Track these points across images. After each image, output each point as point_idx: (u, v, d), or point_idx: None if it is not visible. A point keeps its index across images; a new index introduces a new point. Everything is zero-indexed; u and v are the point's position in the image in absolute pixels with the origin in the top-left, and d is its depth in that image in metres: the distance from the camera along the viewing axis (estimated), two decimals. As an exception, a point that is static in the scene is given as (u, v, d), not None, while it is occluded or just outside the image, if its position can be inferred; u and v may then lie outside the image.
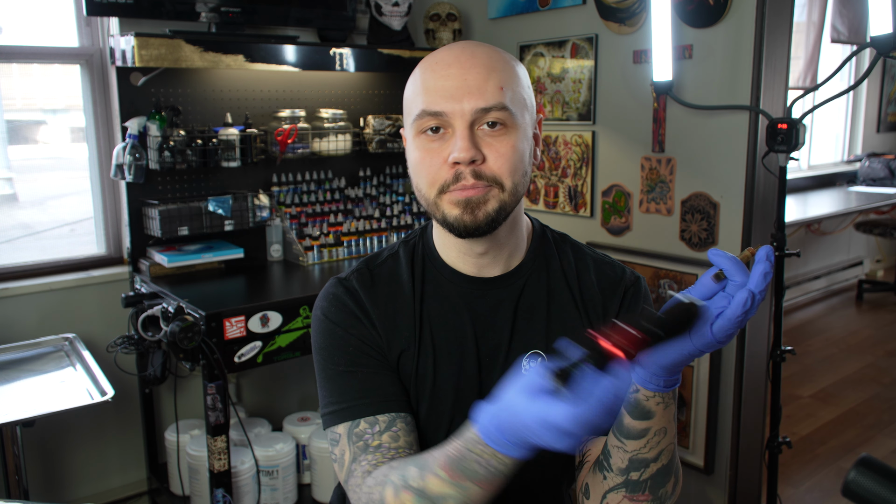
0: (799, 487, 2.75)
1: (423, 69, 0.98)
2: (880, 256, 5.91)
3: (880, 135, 5.75)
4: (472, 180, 0.93)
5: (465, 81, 0.93)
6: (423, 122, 0.95)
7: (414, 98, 0.97)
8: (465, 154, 0.92)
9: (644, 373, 0.86)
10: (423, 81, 0.96)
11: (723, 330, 0.78)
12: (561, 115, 2.67)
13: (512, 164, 0.95)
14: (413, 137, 0.98)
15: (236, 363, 2.05)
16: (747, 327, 2.21)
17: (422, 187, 0.98)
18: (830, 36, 4.70)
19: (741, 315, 0.77)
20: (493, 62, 0.95)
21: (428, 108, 0.94)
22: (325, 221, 2.70)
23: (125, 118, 2.34)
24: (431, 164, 0.95)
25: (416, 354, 1.04)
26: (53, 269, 2.51)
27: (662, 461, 0.91)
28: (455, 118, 0.93)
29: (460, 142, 0.92)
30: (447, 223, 0.97)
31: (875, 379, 3.81)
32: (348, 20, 2.66)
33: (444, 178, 0.94)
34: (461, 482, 0.83)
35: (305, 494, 2.54)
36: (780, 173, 2.06)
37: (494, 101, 0.93)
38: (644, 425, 0.88)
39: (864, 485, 0.63)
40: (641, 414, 0.88)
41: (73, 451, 2.52)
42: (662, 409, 0.88)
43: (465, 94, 0.93)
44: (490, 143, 0.94)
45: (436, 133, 0.95)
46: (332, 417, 1.01)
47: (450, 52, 0.97)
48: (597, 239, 2.61)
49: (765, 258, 0.77)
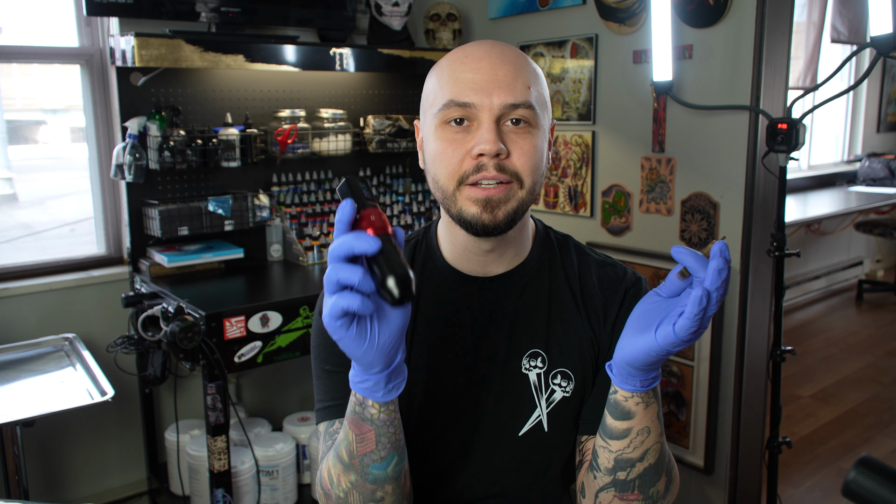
0: (799, 487, 2.75)
1: (451, 61, 0.97)
2: (880, 256, 5.91)
3: (880, 135, 5.75)
4: (494, 172, 0.93)
5: (496, 76, 0.93)
6: (449, 112, 0.94)
7: (439, 89, 0.97)
8: (492, 146, 0.91)
9: (619, 372, 0.87)
10: (452, 73, 0.96)
11: (684, 329, 0.78)
12: (561, 115, 2.67)
13: (534, 163, 0.95)
14: (435, 127, 0.97)
15: (236, 363, 2.05)
16: (747, 327, 2.21)
17: (440, 178, 0.96)
18: (830, 36, 4.70)
19: (699, 313, 0.76)
20: (522, 61, 0.96)
21: (456, 98, 0.93)
22: (325, 221, 2.70)
23: (125, 118, 2.34)
24: (453, 156, 0.94)
25: (408, 353, 1.04)
26: (53, 269, 2.51)
27: (649, 460, 0.92)
28: (483, 111, 0.93)
29: (487, 134, 0.92)
30: (463, 220, 0.96)
31: (875, 379, 3.81)
32: (348, 20, 2.66)
33: (465, 169, 0.94)
34: (346, 424, 0.90)
35: (305, 494, 2.54)
36: (780, 173, 2.06)
37: (523, 99, 0.93)
38: (626, 425, 0.89)
39: (864, 485, 0.63)
40: (622, 414, 0.89)
41: (73, 451, 2.52)
42: (643, 408, 0.88)
43: (496, 88, 0.93)
44: (514, 139, 0.94)
45: (459, 125, 0.95)
46: (317, 416, 1.05)
47: (479, 48, 0.97)
48: (597, 239, 2.61)
49: (718, 254, 0.77)
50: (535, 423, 1.04)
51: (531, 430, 1.04)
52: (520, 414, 1.04)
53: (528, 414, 1.04)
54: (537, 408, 1.04)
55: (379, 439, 0.88)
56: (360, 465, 0.90)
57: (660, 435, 0.92)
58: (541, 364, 1.05)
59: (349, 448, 0.90)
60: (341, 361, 1.03)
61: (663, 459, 0.94)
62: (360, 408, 0.86)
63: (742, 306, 2.20)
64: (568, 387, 1.05)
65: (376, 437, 0.88)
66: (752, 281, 2.20)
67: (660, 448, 0.93)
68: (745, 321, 2.21)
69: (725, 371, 2.27)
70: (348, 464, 0.90)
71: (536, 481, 1.08)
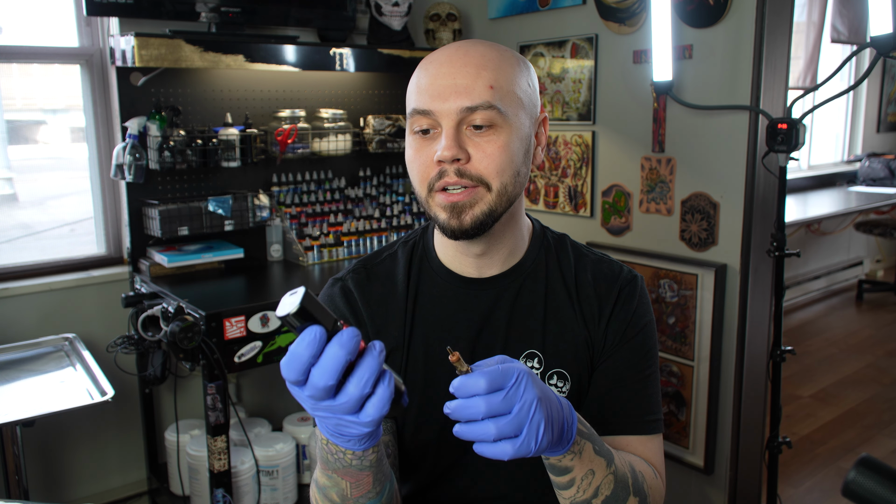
0: (799, 487, 2.75)
1: (419, 68, 0.99)
2: (880, 256, 5.91)
3: (880, 135, 5.75)
4: (454, 178, 0.93)
5: (454, 80, 0.93)
6: (414, 120, 0.96)
7: (410, 97, 0.98)
8: (447, 153, 0.92)
9: (543, 458, 0.85)
10: (418, 80, 0.97)
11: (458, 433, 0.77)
12: (561, 115, 2.67)
13: (499, 165, 0.94)
14: (408, 134, 0.99)
15: (236, 363, 2.05)
16: (747, 327, 2.21)
17: (414, 185, 0.99)
18: (830, 36, 4.70)
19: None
20: (486, 60, 0.95)
21: (418, 106, 0.95)
22: (325, 221, 2.70)
23: (125, 118, 2.34)
24: (422, 163, 0.96)
25: (405, 355, 1.04)
26: (53, 269, 2.51)
27: (604, 493, 0.90)
28: (442, 117, 0.93)
29: (444, 140, 0.93)
30: (439, 225, 0.97)
31: (875, 379, 3.81)
32: (348, 20, 2.66)
33: (431, 175, 0.95)
34: (327, 472, 0.87)
35: (305, 494, 2.54)
36: (780, 173, 2.06)
37: (481, 101, 0.92)
38: (568, 478, 0.88)
39: (864, 485, 0.63)
40: (559, 472, 0.87)
41: (73, 451, 2.52)
42: (577, 459, 0.86)
43: (453, 94, 0.93)
44: (477, 142, 0.94)
45: (426, 133, 0.95)
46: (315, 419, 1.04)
47: (444, 52, 0.97)
48: (597, 239, 2.61)
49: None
50: None
51: None
52: None
53: None
54: None
55: (375, 478, 0.87)
56: (355, 503, 0.89)
57: (607, 466, 0.90)
58: (537, 365, 1.05)
59: (340, 493, 0.88)
60: None
61: (623, 485, 0.92)
62: (358, 460, 0.83)
63: (742, 306, 2.20)
64: (564, 387, 1.05)
65: (373, 479, 0.87)
66: (752, 281, 2.20)
67: (612, 479, 0.90)
68: (745, 321, 2.21)
69: (725, 371, 2.27)
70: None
71: (535, 483, 1.08)
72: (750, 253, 2.18)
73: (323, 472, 0.88)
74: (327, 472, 0.86)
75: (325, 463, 0.86)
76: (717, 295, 2.23)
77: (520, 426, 0.74)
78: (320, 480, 0.89)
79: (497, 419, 0.73)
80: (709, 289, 2.24)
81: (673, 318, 2.36)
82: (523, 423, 0.74)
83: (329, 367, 0.67)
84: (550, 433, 0.77)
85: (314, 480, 0.92)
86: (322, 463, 0.87)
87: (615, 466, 0.91)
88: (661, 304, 2.38)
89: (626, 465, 0.95)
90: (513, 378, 0.74)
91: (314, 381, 0.68)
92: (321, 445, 0.84)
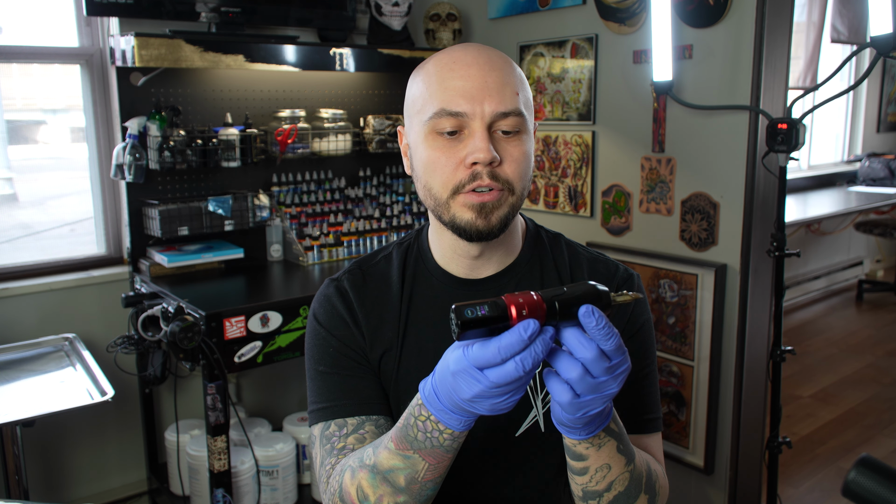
0: (799, 487, 2.75)
1: (438, 67, 0.96)
2: (880, 256, 5.91)
3: (880, 135, 5.75)
4: (487, 180, 0.93)
5: (486, 83, 0.93)
6: (441, 121, 0.93)
7: (428, 95, 0.95)
8: (486, 155, 0.91)
9: (557, 426, 0.85)
10: (441, 79, 0.94)
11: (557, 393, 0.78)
12: (561, 115, 2.67)
13: (523, 169, 0.95)
14: (425, 135, 0.96)
15: (236, 363, 2.05)
16: (747, 327, 2.21)
17: (433, 187, 0.96)
18: (830, 36, 4.70)
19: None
20: (508, 66, 0.96)
21: (447, 106, 0.93)
22: (325, 221, 2.70)
23: (125, 118, 2.34)
24: (447, 165, 0.94)
25: (399, 356, 1.04)
26: (53, 269, 2.51)
27: (617, 489, 0.90)
28: (474, 119, 0.92)
29: (480, 143, 0.92)
30: (456, 226, 0.96)
31: (875, 379, 3.81)
32: (348, 20, 2.66)
33: (460, 178, 0.93)
34: (406, 452, 0.85)
35: (305, 494, 2.54)
36: (780, 173, 2.06)
37: (513, 106, 0.93)
38: (582, 465, 0.88)
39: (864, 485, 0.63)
40: (575, 456, 0.88)
41: (73, 451, 2.52)
42: (595, 451, 0.86)
43: (486, 96, 0.92)
44: (505, 147, 0.94)
45: (452, 135, 0.94)
46: (310, 417, 1.06)
47: (466, 53, 0.96)
48: (597, 239, 2.61)
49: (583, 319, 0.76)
50: (532, 424, 1.04)
51: (527, 431, 1.04)
52: (516, 415, 1.04)
53: (524, 415, 1.04)
54: (533, 408, 1.04)
55: (450, 463, 0.87)
56: (421, 488, 0.88)
57: (626, 465, 0.89)
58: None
59: (412, 475, 0.87)
60: (335, 363, 1.03)
61: (637, 483, 0.92)
62: (452, 440, 0.83)
63: (742, 306, 2.20)
64: None
65: (449, 464, 0.87)
66: (752, 281, 2.20)
67: (628, 477, 0.90)
68: (745, 321, 2.21)
69: (725, 371, 2.27)
70: (403, 488, 0.88)
71: (534, 482, 1.08)
72: (750, 253, 2.18)
73: (398, 453, 0.86)
74: (407, 451, 0.85)
75: (407, 442, 0.85)
76: (717, 295, 2.23)
77: (595, 394, 0.76)
78: (388, 463, 0.87)
79: (591, 377, 0.75)
80: (709, 289, 2.24)
81: (673, 318, 2.36)
82: (597, 394, 0.76)
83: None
84: (598, 419, 0.82)
85: (365, 466, 0.90)
86: (401, 442, 0.85)
87: (634, 465, 0.91)
88: (661, 304, 2.39)
89: (644, 463, 0.95)
90: (626, 363, 0.77)
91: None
92: (408, 424, 0.84)
